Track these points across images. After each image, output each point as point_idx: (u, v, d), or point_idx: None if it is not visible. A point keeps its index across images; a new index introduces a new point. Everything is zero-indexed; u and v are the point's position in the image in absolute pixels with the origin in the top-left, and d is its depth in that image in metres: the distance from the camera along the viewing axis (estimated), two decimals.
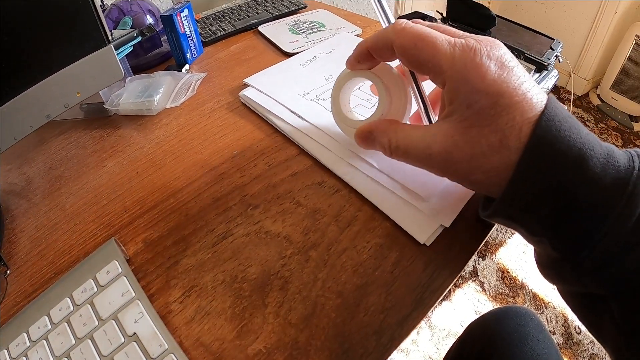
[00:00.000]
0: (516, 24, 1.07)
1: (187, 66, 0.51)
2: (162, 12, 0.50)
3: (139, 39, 0.45)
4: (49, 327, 0.25)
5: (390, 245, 0.28)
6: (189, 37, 0.51)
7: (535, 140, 0.20)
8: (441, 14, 1.02)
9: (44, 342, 0.25)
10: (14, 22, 0.30)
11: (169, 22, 0.48)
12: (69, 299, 0.26)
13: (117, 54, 0.39)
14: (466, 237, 0.28)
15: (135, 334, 0.24)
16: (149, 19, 0.53)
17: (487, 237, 0.29)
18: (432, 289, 0.26)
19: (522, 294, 1.10)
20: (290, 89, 0.42)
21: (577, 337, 1.00)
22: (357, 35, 0.55)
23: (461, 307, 1.07)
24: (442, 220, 0.28)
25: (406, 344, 0.99)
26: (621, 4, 1.51)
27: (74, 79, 0.35)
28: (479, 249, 0.31)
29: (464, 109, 0.22)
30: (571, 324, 1.03)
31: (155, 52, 0.54)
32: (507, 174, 0.20)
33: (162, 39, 0.54)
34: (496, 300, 1.09)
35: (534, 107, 0.20)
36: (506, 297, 1.09)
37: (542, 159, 0.20)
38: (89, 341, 0.24)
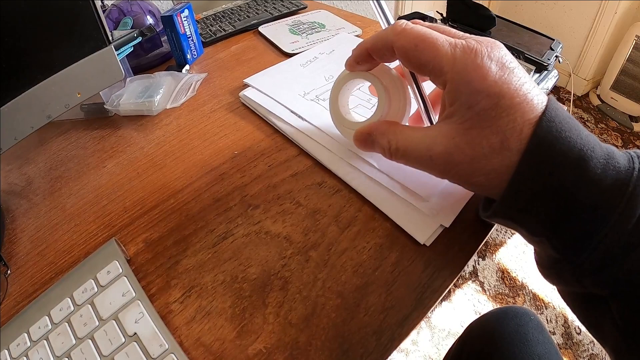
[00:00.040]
0: (516, 25, 1.07)
1: (187, 66, 0.51)
2: (162, 12, 0.50)
3: (139, 39, 0.45)
4: (50, 327, 0.25)
5: (390, 245, 0.28)
6: (189, 37, 0.51)
7: (535, 141, 0.20)
8: (441, 15, 1.02)
9: (45, 342, 0.25)
10: (14, 23, 0.30)
11: (169, 22, 0.48)
12: (69, 299, 0.26)
13: (118, 55, 0.39)
14: (466, 237, 0.28)
15: (135, 334, 0.24)
16: (150, 20, 0.53)
17: (487, 237, 0.29)
18: (432, 289, 0.26)
19: (522, 294, 1.10)
20: (290, 89, 0.42)
21: (577, 337, 1.01)
22: (357, 35, 0.55)
23: (461, 307, 1.07)
24: (442, 220, 0.28)
25: (406, 344, 0.99)
26: (621, 4, 1.52)
27: (74, 79, 0.35)
28: (479, 249, 0.31)
29: (465, 110, 0.22)
30: (571, 324, 1.03)
31: (155, 53, 0.54)
32: (507, 175, 0.21)
33: (162, 39, 0.54)
34: (496, 300, 1.09)
35: (535, 108, 0.20)
36: (506, 298, 1.09)
37: (542, 160, 0.20)
38: (90, 341, 0.24)
